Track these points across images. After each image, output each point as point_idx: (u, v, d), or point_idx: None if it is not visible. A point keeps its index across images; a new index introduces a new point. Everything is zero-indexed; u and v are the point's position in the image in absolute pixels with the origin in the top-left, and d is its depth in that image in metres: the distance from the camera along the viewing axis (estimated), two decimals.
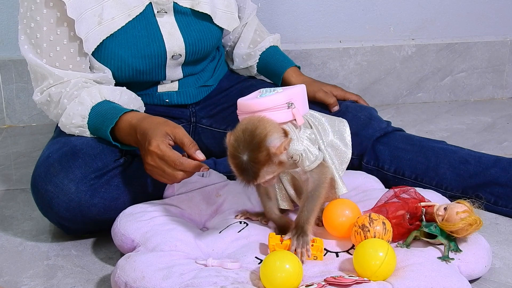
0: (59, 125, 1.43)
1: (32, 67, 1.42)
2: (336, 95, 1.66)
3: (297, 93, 1.24)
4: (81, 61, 1.43)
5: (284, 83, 1.70)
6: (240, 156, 1.12)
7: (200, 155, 1.25)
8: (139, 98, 1.50)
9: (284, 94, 1.21)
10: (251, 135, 1.13)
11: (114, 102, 1.41)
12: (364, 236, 1.19)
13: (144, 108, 1.51)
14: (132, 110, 1.37)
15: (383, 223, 1.20)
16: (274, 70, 1.71)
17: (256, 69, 1.73)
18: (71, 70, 1.42)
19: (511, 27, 2.27)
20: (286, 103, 1.20)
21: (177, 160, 1.24)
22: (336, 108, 1.62)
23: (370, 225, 1.20)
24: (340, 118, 1.34)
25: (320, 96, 1.63)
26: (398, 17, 2.20)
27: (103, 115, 1.37)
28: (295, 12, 2.15)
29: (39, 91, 1.43)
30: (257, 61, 1.72)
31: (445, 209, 1.24)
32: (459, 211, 1.22)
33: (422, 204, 1.27)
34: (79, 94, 1.39)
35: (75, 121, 1.39)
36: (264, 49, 1.72)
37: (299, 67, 1.73)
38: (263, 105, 1.19)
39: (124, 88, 1.46)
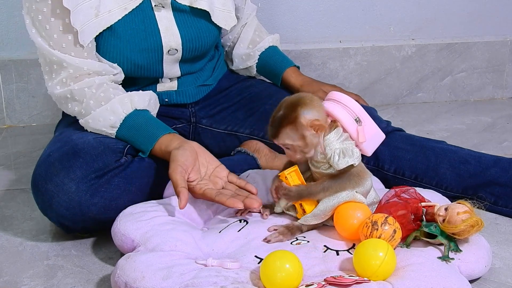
0: (82, 122, 1.43)
1: (48, 57, 1.41)
2: None
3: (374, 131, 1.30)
4: (93, 49, 1.43)
5: (284, 83, 1.70)
6: (278, 111, 1.22)
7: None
8: (157, 98, 1.51)
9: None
10: (296, 99, 1.23)
11: (144, 110, 1.43)
12: (370, 233, 1.19)
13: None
14: (164, 134, 1.38)
15: (394, 230, 1.20)
16: (273, 70, 1.71)
17: (255, 69, 1.73)
18: (89, 59, 1.42)
19: (511, 27, 2.27)
20: (355, 118, 1.25)
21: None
22: None
23: (381, 226, 1.19)
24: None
25: (320, 96, 1.63)
26: (398, 17, 2.21)
27: (136, 129, 1.39)
28: (295, 12, 2.15)
29: (59, 84, 1.42)
30: (257, 61, 1.72)
31: (445, 209, 1.24)
32: (460, 212, 1.22)
33: (423, 204, 1.27)
34: (108, 99, 1.40)
35: (105, 128, 1.40)
36: (264, 49, 1.72)
37: (298, 67, 1.73)
38: (348, 102, 1.27)
39: (151, 91, 1.47)
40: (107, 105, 1.40)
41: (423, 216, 1.26)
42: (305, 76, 1.71)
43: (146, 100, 1.44)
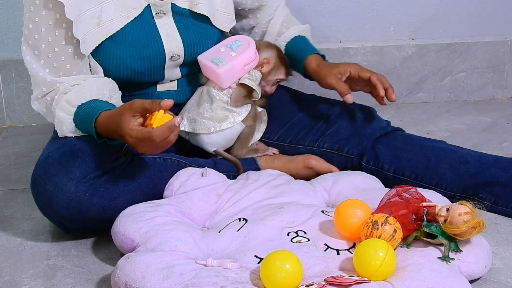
0: (59, 135, 1.42)
1: (29, 70, 1.42)
2: (351, 72, 1.57)
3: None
4: (78, 62, 1.42)
5: (305, 70, 1.64)
6: None
7: (167, 102, 1.24)
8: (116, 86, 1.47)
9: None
10: None
11: (96, 100, 1.39)
12: (370, 232, 1.19)
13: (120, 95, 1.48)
14: (106, 110, 1.35)
15: (395, 230, 1.19)
16: (295, 58, 1.65)
17: None
18: (68, 71, 1.41)
19: (511, 27, 2.27)
20: None
21: (151, 134, 1.23)
22: (348, 97, 1.55)
23: (381, 225, 1.19)
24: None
25: (331, 82, 1.57)
26: (398, 17, 2.20)
27: (86, 113, 1.36)
28: (295, 12, 2.15)
29: (35, 100, 1.43)
30: (284, 52, 1.66)
31: (447, 210, 1.24)
32: (462, 213, 1.22)
33: (424, 204, 1.27)
34: (60, 99, 1.39)
35: (65, 127, 1.38)
36: (289, 39, 1.66)
37: (323, 56, 1.65)
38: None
39: (105, 79, 1.44)
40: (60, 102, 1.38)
41: (424, 216, 1.26)
42: (324, 62, 1.62)
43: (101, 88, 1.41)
